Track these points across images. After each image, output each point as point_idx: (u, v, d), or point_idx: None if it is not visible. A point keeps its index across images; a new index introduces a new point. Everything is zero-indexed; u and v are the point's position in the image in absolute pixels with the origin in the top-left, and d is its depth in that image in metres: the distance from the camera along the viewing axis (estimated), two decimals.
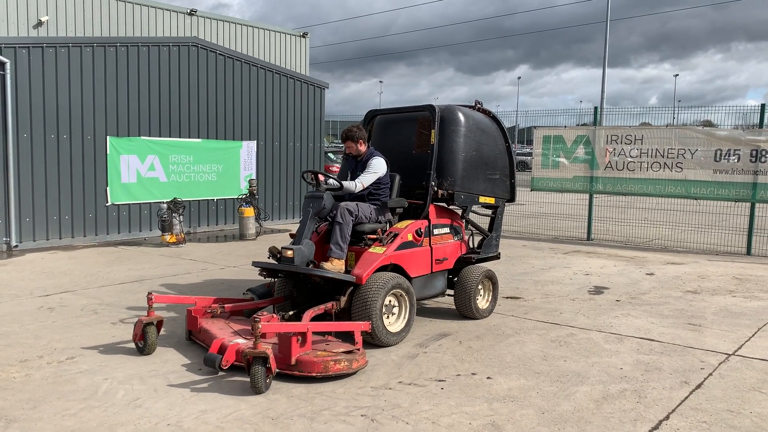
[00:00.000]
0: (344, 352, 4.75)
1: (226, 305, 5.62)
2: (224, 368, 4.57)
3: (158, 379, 4.64)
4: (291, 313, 5.58)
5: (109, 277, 8.19)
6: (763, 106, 10.64)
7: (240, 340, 4.81)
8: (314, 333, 4.85)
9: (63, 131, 10.52)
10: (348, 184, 5.92)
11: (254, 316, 4.56)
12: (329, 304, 5.30)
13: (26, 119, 10.09)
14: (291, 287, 5.88)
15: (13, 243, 10.01)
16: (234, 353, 4.62)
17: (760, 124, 10.63)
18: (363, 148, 6.20)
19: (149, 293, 5.34)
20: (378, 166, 6.00)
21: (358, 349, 4.82)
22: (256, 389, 4.33)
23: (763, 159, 10.47)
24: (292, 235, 5.88)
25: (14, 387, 4.44)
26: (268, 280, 6.03)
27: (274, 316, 5.14)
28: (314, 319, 5.08)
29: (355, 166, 6.22)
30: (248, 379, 4.39)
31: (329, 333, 5.08)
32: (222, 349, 4.68)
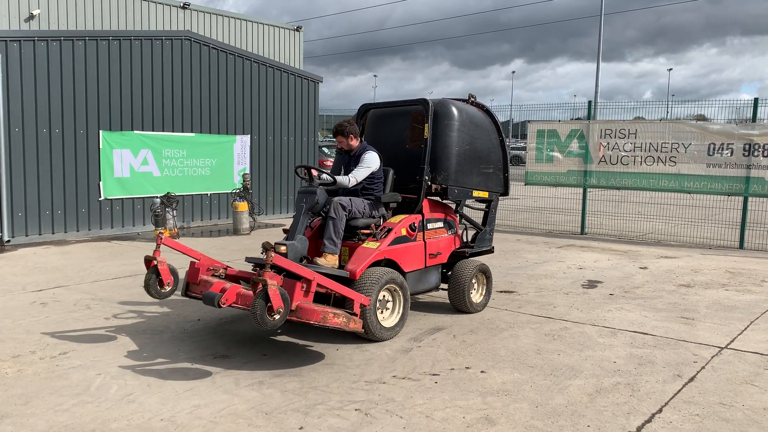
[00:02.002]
0: (344, 311, 4.79)
1: (228, 269, 5.59)
2: (222, 305, 4.53)
3: (151, 374, 4.63)
4: None
5: (102, 272, 8.16)
6: (755, 100, 10.66)
7: (243, 289, 4.77)
8: (314, 301, 4.82)
9: (55, 125, 10.46)
10: (341, 179, 5.91)
11: (264, 243, 4.53)
12: None
13: (18, 113, 10.03)
14: None
15: (6, 238, 9.95)
16: (235, 294, 4.61)
17: (753, 118, 10.66)
18: (354, 142, 6.16)
19: (159, 232, 5.35)
20: (371, 161, 5.98)
21: (356, 314, 4.86)
22: (256, 320, 4.19)
23: (755, 153, 10.50)
24: (285, 231, 5.86)
25: (6, 382, 4.42)
26: None
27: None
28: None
29: (348, 160, 6.20)
30: (242, 372, 4.37)
31: (327, 304, 5.04)
32: (222, 290, 4.65)
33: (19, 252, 9.46)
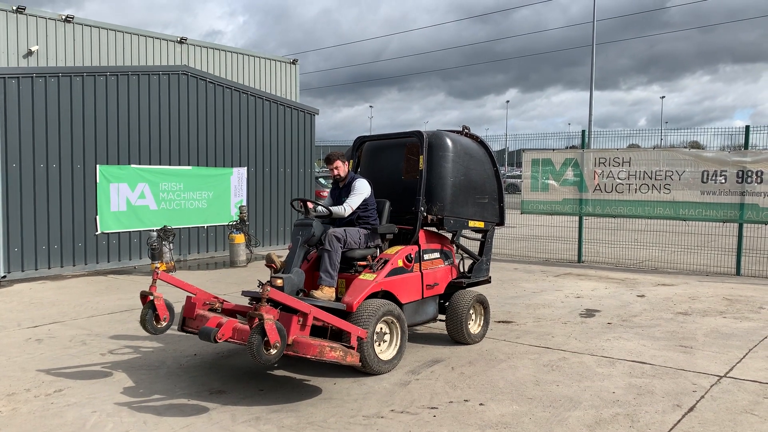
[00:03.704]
0: (340, 345, 4.77)
1: (225, 303, 5.58)
2: (219, 341, 4.52)
3: (148, 410, 4.59)
4: None
5: (98, 307, 8.13)
6: (747, 127, 10.78)
7: (239, 323, 4.78)
8: (311, 334, 4.80)
9: (52, 160, 10.51)
10: (337, 209, 5.94)
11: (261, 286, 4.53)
12: None
13: (15, 149, 10.08)
14: None
15: (1, 273, 9.92)
16: (231, 329, 4.62)
17: (745, 146, 10.77)
18: (346, 168, 6.24)
19: (156, 267, 5.34)
20: (362, 188, 6.03)
21: (353, 347, 4.84)
22: (253, 355, 4.20)
23: (749, 180, 10.58)
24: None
25: (1, 422, 4.37)
26: None
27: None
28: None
29: (340, 192, 6.25)
30: (239, 408, 4.33)
31: (324, 338, 5.04)
32: (219, 325, 4.65)
33: (15, 287, 9.42)
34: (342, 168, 6.20)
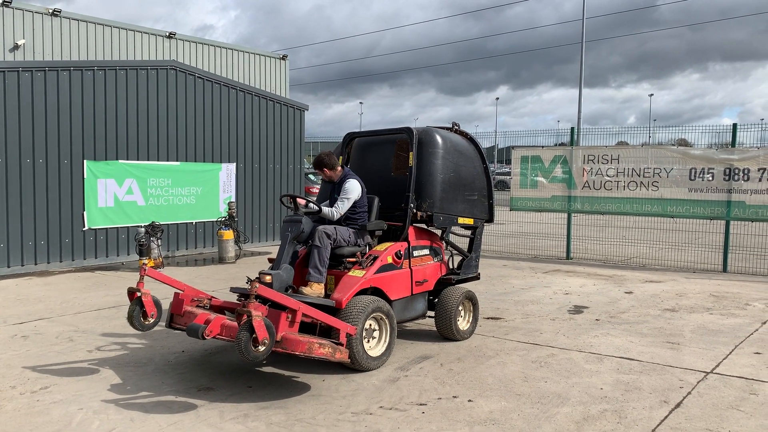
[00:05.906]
0: (329, 341, 4.76)
1: (213, 300, 5.55)
2: (207, 337, 4.51)
3: (135, 408, 4.56)
4: None
5: (85, 303, 8.07)
6: (734, 125, 10.86)
7: (227, 320, 4.75)
8: (300, 331, 4.79)
9: (39, 155, 10.41)
10: (326, 211, 5.89)
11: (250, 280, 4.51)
12: None
13: (1, 144, 9.97)
14: None
15: None
16: (219, 326, 4.59)
17: (732, 144, 10.85)
18: (337, 171, 6.16)
19: (143, 263, 5.31)
20: (351, 190, 5.96)
21: (342, 344, 4.84)
22: (241, 352, 4.18)
23: (736, 177, 10.65)
24: (271, 260, 5.84)
25: None
26: None
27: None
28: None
29: (333, 189, 6.21)
30: (227, 405, 4.31)
31: (313, 334, 5.04)
32: (207, 322, 4.62)
33: (0, 284, 9.33)
34: (330, 173, 6.12)
